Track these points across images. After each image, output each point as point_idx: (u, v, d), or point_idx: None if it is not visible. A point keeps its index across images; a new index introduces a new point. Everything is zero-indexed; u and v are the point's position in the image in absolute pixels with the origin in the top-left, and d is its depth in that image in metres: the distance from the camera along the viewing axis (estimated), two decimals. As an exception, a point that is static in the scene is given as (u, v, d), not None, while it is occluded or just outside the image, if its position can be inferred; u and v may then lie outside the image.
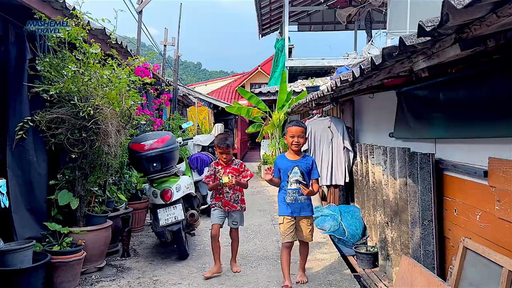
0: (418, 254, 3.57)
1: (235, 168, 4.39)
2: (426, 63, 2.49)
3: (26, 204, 3.94)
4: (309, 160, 3.97)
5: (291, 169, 3.88)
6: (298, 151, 3.96)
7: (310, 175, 3.93)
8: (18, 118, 3.89)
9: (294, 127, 3.92)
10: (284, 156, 4.05)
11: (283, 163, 3.98)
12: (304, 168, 3.90)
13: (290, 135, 3.90)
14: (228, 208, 4.38)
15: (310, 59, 15.52)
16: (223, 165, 4.37)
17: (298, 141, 3.88)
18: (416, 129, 3.95)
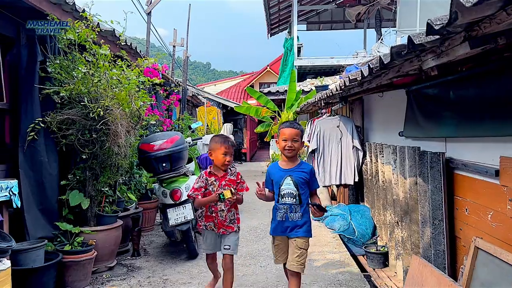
0: (428, 253, 3.54)
1: (231, 180, 3.52)
2: (436, 61, 2.47)
3: (38, 204, 3.99)
4: (306, 169, 3.26)
5: (282, 180, 3.23)
6: (292, 158, 3.28)
7: (308, 186, 3.26)
8: (29, 119, 3.94)
9: (287, 129, 3.23)
10: (276, 164, 3.38)
11: (274, 173, 3.32)
12: (299, 178, 3.20)
13: (282, 138, 3.23)
14: (223, 230, 3.52)
15: (319, 58, 15.49)
16: (217, 176, 3.51)
17: (291, 145, 3.19)
18: (426, 128, 3.92)
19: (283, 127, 3.28)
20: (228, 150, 3.46)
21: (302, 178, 3.21)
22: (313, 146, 6.28)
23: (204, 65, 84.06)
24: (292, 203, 3.19)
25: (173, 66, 12.72)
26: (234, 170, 3.61)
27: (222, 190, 3.40)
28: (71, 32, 4.09)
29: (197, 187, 3.45)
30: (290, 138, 3.19)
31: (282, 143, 3.22)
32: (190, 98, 13.60)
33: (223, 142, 3.46)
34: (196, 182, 3.47)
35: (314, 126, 6.40)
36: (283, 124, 3.33)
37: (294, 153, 3.24)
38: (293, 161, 3.30)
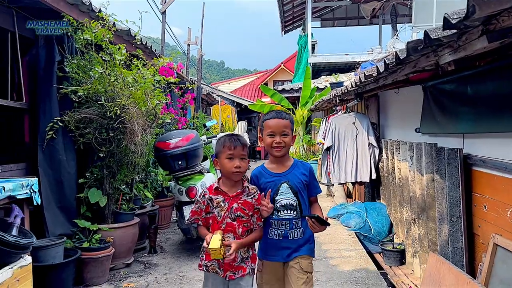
0: (446, 251, 3.50)
1: (247, 203, 2.46)
2: (453, 56, 2.44)
3: (56, 202, 4.06)
4: (303, 169, 2.53)
5: (277, 188, 2.45)
6: (283, 158, 2.52)
7: (307, 190, 2.51)
8: (48, 118, 4.01)
9: (273, 120, 2.46)
10: (262, 168, 2.58)
11: (263, 180, 2.51)
12: (297, 183, 2.46)
13: (268, 132, 2.47)
14: (230, 273, 2.46)
15: (333, 55, 15.38)
16: (226, 195, 2.47)
17: (280, 141, 2.43)
18: (443, 124, 3.87)
19: (267, 118, 2.51)
20: (235, 151, 2.42)
21: (301, 181, 2.47)
22: (328, 143, 6.25)
23: (218, 63, 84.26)
24: (293, 217, 2.42)
25: (187, 65, 12.79)
26: (253, 189, 2.50)
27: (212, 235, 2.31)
28: (87, 32, 4.15)
29: (196, 210, 2.49)
30: (278, 132, 2.43)
31: (268, 139, 2.46)
32: (205, 96, 13.66)
33: (227, 141, 2.45)
34: (196, 202, 2.54)
35: (329, 123, 6.37)
36: (267, 115, 2.54)
37: (285, 151, 2.48)
38: (286, 161, 2.53)
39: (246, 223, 2.44)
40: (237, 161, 2.41)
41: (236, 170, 2.41)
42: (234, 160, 2.41)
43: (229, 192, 2.47)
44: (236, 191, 2.46)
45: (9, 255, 2.74)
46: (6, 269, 2.62)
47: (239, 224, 2.42)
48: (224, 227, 2.41)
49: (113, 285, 4.05)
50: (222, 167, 2.45)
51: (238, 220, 2.42)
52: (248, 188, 2.50)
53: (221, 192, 2.48)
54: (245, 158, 2.47)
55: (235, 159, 2.41)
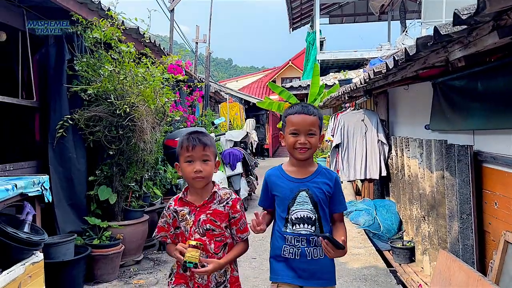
0: (456, 248, 3.48)
1: (218, 213, 2.06)
2: (463, 52, 2.42)
3: (67, 199, 4.10)
4: (328, 178, 2.09)
5: (294, 196, 2.06)
6: (307, 161, 2.11)
7: (329, 205, 2.09)
8: (58, 116, 4.05)
9: (298, 116, 2.03)
10: (280, 170, 2.17)
11: (279, 185, 2.12)
12: (319, 193, 2.05)
13: (291, 130, 2.04)
14: None
15: (342, 52, 15.31)
16: (192, 205, 2.07)
17: (306, 142, 2.01)
18: (453, 120, 3.83)
19: (291, 112, 2.06)
20: (193, 153, 2.01)
21: (323, 192, 2.05)
22: (337, 140, 6.23)
23: (226, 61, 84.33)
24: (310, 233, 2.03)
25: (196, 62, 12.82)
26: (227, 194, 2.10)
27: (189, 245, 1.92)
28: (97, 30, 4.18)
29: (162, 225, 2.12)
30: (304, 131, 2.01)
31: (291, 139, 2.03)
32: (213, 94, 13.69)
33: (185, 141, 2.04)
34: (161, 215, 2.16)
35: (338, 121, 6.34)
36: (291, 108, 2.10)
37: (309, 154, 2.05)
38: (308, 165, 2.11)
39: (219, 237, 2.03)
40: (198, 164, 2.00)
41: (196, 176, 1.99)
42: (194, 163, 2.00)
43: (196, 202, 2.06)
44: (203, 200, 2.05)
45: (22, 252, 2.77)
46: (18, 265, 2.66)
47: (210, 239, 2.01)
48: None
49: (123, 281, 4.08)
50: (182, 172, 2.06)
51: (208, 235, 2.01)
52: (219, 194, 2.08)
53: (187, 202, 2.08)
54: (208, 160, 2.03)
55: (195, 162, 2.00)
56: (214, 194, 2.08)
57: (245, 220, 2.12)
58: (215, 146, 2.14)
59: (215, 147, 2.12)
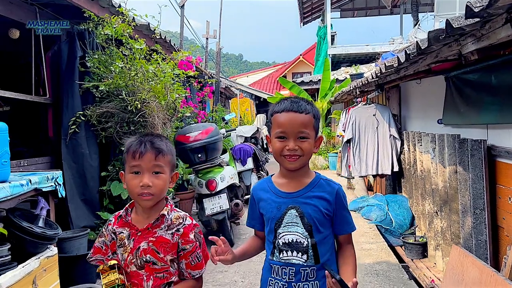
0: (469, 244, 3.45)
1: (163, 240, 1.62)
2: (476, 45, 2.38)
3: (80, 194, 4.15)
4: (327, 192, 1.65)
5: (281, 215, 1.64)
6: (299, 171, 1.66)
7: (333, 226, 1.66)
8: (71, 113, 4.09)
9: (286, 115, 1.59)
10: (268, 182, 1.74)
11: (266, 200, 1.70)
12: (313, 211, 1.61)
13: (277, 133, 1.60)
14: None
15: (353, 46, 15.21)
16: (134, 228, 1.64)
17: (296, 147, 1.57)
18: (466, 114, 3.79)
19: (278, 110, 1.62)
20: (142, 162, 1.57)
21: (319, 210, 1.61)
22: (348, 135, 6.20)
23: (236, 56, 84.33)
24: (301, 263, 1.60)
25: (206, 58, 12.84)
26: (179, 219, 1.65)
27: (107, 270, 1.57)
28: (108, 27, 4.20)
29: (99, 246, 1.70)
30: (293, 133, 1.56)
31: (277, 144, 1.59)
32: (223, 90, 13.70)
33: (133, 146, 1.60)
34: (100, 234, 1.74)
35: (349, 115, 6.31)
36: (277, 105, 1.65)
37: (301, 163, 1.61)
38: (302, 175, 1.67)
39: (161, 272, 1.59)
40: (146, 177, 1.55)
41: (142, 191, 1.54)
42: (142, 175, 1.56)
43: (138, 224, 1.62)
44: (148, 223, 1.61)
45: (36, 246, 2.82)
46: (33, 259, 2.70)
47: (150, 275, 1.58)
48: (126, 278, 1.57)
49: (136, 276, 4.12)
50: (126, 186, 1.61)
51: (147, 268, 1.58)
52: (169, 217, 1.63)
53: (127, 223, 1.64)
54: (161, 172, 1.58)
55: (143, 174, 1.56)
56: (162, 217, 1.61)
57: (200, 254, 1.65)
58: (174, 154, 1.68)
59: (173, 155, 1.67)
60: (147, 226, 1.61)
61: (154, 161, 1.57)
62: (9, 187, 2.60)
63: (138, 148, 1.56)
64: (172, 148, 1.68)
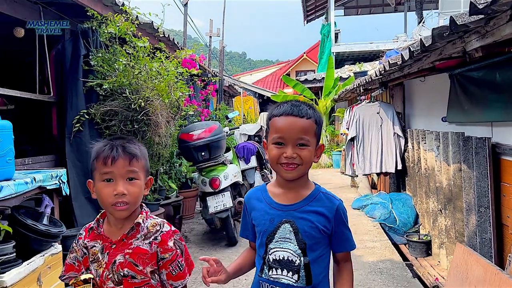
0: (474, 242, 3.43)
1: (140, 251, 1.47)
2: (480, 42, 2.37)
3: (84, 192, 4.16)
4: (327, 207, 1.50)
5: (273, 229, 1.50)
6: (297, 182, 1.51)
7: (332, 244, 1.53)
8: (75, 111, 4.10)
9: (285, 119, 1.45)
10: (263, 191, 1.59)
11: (259, 210, 1.56)
12: (309, 227, 1.47)
13: (275, 138, 1.46)
14: None
15: (357, 44, 15.17)
16: (107, 240, 1.51)
17: (294, 155, 1.43)
18: (470, 112, 3.77)
19: (277, 113, 1.47)
20: (114, 168, 1.43)
21: (316, 227, 1.46)
22: (352, 133, 6.19)
23: (240, 55, 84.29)
24: (291, 283, 1.47)
25: (209, 56, 12.84)
26: (156, 226, 1.52)
27: None
28: (111, 25, 4.21)
29: (71, 262, 1.57)
30: (292, 140, 1.43)
31: (274, 151, 1.45)
32: (227, 88, 13.70)
33: (103, 151, 1.45)
34: (70, 249, 1.60)
35: (353, 113, 6.30)
36: (277, 108, 1.50)
37: (299, 173, 1.46)
38: (301, 187, 1.52)
39: (142, 286, 1.47)
40: (121, 184, 1.41)
41: (117, 201, 1.41)
42: (115, 183, 1.42)
43: (112, 236, 1.49)
44: (122, 234, 1.48)
45: (41, 243, 2.84)
46: (38, 256, 2.72)
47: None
48: None
49: (140, 273, 4.14)
50: (97, 195, 1.47)
51: (126, 283, 1.45)
52: (144, 226, 1.49)
53: (99, 235, 1.51)
54: (136, 178, 1.45)
55: (116, 182, 1.42)
56: (137, 226, 1.48)
57: (182, 263, 1.51)
58: (147, 158, 1.56)
59: (147, 159, 1.54)
60: (122, 237, 1.47)
61: (128, 167, 1.43)
62: (14, 185, 2.61)
63: (109, 154, 1.41)
64: (146, 152, 1.56)
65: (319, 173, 11.32)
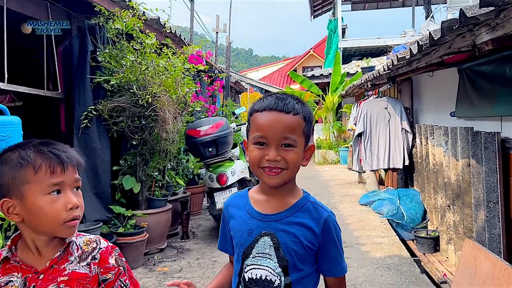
0: (482, 237, 3.41)
1: (78, 276, 1.17)
2: (490, 35, 2.34)
3: (92, 188, 4.19)
4: (314, 220, 1.25)
5: (251, 242, 1.26)
6: (282, 188, 1.26)
7: (319, 264, 1.27)
8: (82, 107, 4.12)
9: (268, 115, 1.21)
10: (244, 197, 1.36)
11: (237, 219, 1.32)
12: (291, 241, 1.22)
13: (256, 138, 1.21)
14: None
15: (364, 39, 15.08)
16: (26, 269, 1.15)
17: (278, 157, 1.18)
18: (479, 107, 3.73)
19: (259, 108, 1.25)
20: (65, 178, 1.15)
21: (300, 242, 1.23)
22: (359, 129, 6.16)
23: (246, 51, 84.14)
24: None
25: (216, 52, 12.83)
26: (91, 243, 1.25)
27: None
28: (118, 21, 4.22)
29: None
30: (276, 139, 1.20)
31: (255, 152, 1.22)
32: (233, 84, 13.69)
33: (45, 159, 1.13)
34: None
35: (361, 109, 6.27)
36: (259, 102, 1.27)
37: (283, 178, 1.23)
38: (286, 195, 1.29)
39: None
40: (71, 196, 1.16)
41: (73, 215, 1.15)
42: (64, 195, 1.15)
43: (35, 263, 1.17)
44: (50, 259, 1.17)
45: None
46: (47, 252, 2.73)
47: None
48: None
49: (148, 269, 4.17)
50: (40, 213, 1.12)
51: None
52: (77, 244, 1.23)
53: (17, 265, 1.16)
54: (80, 187, 1.21)
55: (65, 193, 1.15)
56: (68, 247, 1.20)
57: (126, 282, 1.26)
58: None
59: None
60: (50, 263, 1.16)
61: (75, 174, 1.18)
62: (23, 181, 2.63)
63: (57, 161, 1.13)
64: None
65: (326, 169, 11.29)
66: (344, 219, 5.67)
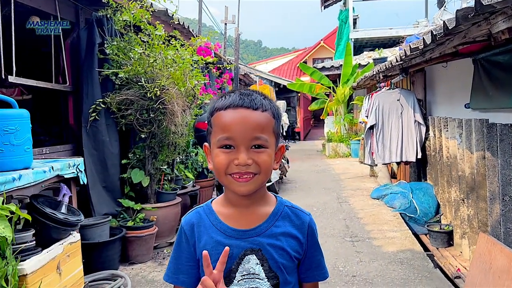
0: (498, 232, 3.33)
1: None
2: (507, 24, 2.26)
3: (101, 182, 4.18)
4: (296, 226, 1.14)
5: (234, 265, 1.07)
6: (253, 197, 1.10)
7: (300, 271, 1.17)
8: (91, 100, 4.10)
9: (233, 113, 1.05)
10: (209, 212, 1.14)
11: (209, 243, 1.09)
12: (280, 255, 1.09)
13: (221, 140, 1.05)
14: None
15: (376, 29, 14.88)
16: None
17: (249, 161, 1.03)
18: (495, 98, 3.63)
19: (222, 106, 1.07)
20: None
21: (288, 253, 1.11)
22: (371, 121, 6.07)
23: (255, 43, 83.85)
24: None
25: (225, 44, 12.76)
26: None
27: None
28: (126, 13, 4.18)
29: None
30: (245, 140, 1.04)
31: (220, 156, 1.05)
32: (242, 76, 13.63)
33: None
34: None
35: (373, 101, 6.17)
36: (221, 99, 1.10)
37: (256, 184, 1.06)
38: (259, 204, 1.14)
39: None
40: None
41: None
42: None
43: None
44: None
45: (59, 232, 2.85)
46: (57, 245, 2.73)
47: None
48: None
49: (157, 262, 4.16)
50: None
51: None
52: None
53: None
54: None
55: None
56: None
57: None
58: None
59: None
60: None
61: None
62: (32, 174, 2.62)
63: None
64: None
65: (337, 163, 11.20)
66: (355, 213, 5.60)
